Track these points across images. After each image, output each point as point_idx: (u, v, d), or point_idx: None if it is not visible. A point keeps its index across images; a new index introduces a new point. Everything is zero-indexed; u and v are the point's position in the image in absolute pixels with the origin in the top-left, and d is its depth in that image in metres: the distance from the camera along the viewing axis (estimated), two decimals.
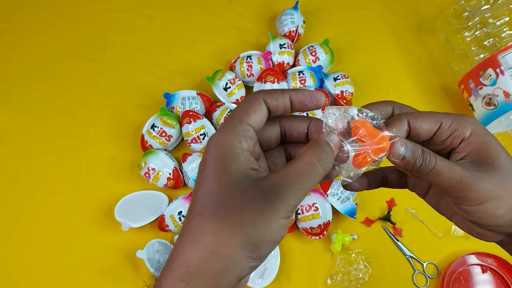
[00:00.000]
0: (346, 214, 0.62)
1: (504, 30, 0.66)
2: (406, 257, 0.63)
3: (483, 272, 0.62)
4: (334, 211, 0.63)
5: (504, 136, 0.69)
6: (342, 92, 0.68)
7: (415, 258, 0.62)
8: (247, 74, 0.70)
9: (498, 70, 0.63)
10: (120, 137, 0.70)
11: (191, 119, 0.64)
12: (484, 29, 0.68)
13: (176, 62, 0.77)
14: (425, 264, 0.62)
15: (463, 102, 0.71)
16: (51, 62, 0.76)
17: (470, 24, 0.69)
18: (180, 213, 0.60)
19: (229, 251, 0.24)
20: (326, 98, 0.29)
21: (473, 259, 0.62)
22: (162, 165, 0.62)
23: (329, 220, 0.61)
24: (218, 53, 0.78)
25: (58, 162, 0.68)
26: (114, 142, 0.69)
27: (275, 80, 0.67)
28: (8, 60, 0.77)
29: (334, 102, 0.70)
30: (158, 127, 0.65)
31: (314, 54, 0.71)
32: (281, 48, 0.71)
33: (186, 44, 0.79)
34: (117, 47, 0.78)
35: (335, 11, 0.82)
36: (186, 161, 0.63)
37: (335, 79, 0.69)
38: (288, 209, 0.25)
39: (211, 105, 0.70)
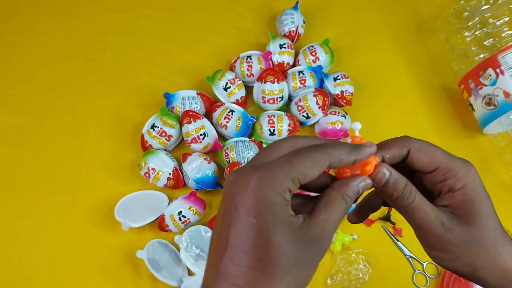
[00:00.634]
0: (346, 214, 0.62)
1: (504, 30, 0.66)
2: (406, 257, 0.63)
3: None
4: None
5: (504, 136, 0.69)
6: (342, 92, 0.68)
7: (415, 258, 0.62)
8: (247, 74, 0.70)
9: (498, 70, 0.63)
10: (120, 137, 0.70)
11: (191, 119, 0.64)
12: (484, 29, 0.68)
13: (176, 62, 0.77)
14: (425, 264, 0.62)
15: (463, 102, 0.71)
16: (51, 62, 0.76)
17: (470, 24, 0.69)
18: (180, 213, 0.60)
19: None
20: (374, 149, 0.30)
21: None
22: (162, 165, 0.62)
23: None
24: (218, 53, 0.78)
25: (58, 162, 0.68)
26: (114, 142, 0.69)
27: (275, 80, 0.67)
28: (8, 60, 0.77)
29: (334, 102, 0.70)
30: (158, 127, 0.65)
31: (314, 54, 0.71)
32: (281, 48, 0.71)
33: (186, 44, 0.79)
34: (117, 47, 0.78)
35: (335, 11, 0.82)
36: (186, 161, 0.63)
37: (335, 79, 0.69)
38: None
39: (211, 105, 0.70)
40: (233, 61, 0.73)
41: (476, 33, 0.69)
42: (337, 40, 0.77)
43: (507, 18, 0.66)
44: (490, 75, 0.64)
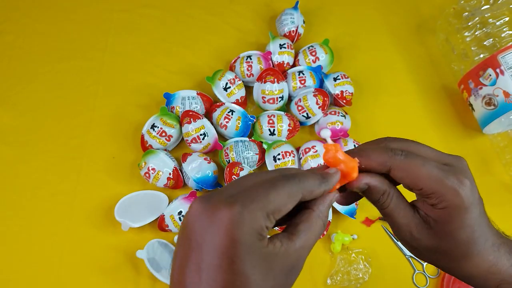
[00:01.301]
0: (346, 214, 0.62)
1: (504, 30, 0.66)
2: (406, 257, 0.63)
3: None
4: (334, 211, 0.63)
5: (504, 136, 0.69)
6: (342, 92, 0.68)
7: (415, 258, 0.63)
8: (247, 74, 0.70)
9: (498, 70, 0.63)
10: (120, 137, 0.70)
11: (191, 119, 0.64)
12: (484, 29, 0.68)
13: (176, 62, 0.77)
14: (425, 264, 0.62)
15: (463, 102, 0.71)
16: (51, 62, 0.76)
17: (470, 24, 0.69)
18: (180, 213, 0.60)
19: None
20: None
21: None
22: (162, 165, 0.62)
23: (329, 220, 0.61)
24: (218, 53, 0.78)
25: (58, 162, 0.68)
26: (114, 142, 0.69)
27: (275, 80, 0.67)
28: (8, 60, 0.76)
29: (334, 102, 0.70)
30: (158, 127, 0.65)
31: (314, 54, 0.71)
32: (281, 48, 0.71)
33: (186, 44, 0.79)
34: (117, 47, 0.78)
35: (335, 11, 0.82)
36: (186, 161, 0.63)
37: (335, 79, 0.69)
38: None
39: (211, 105, 0.70)
40: (233, 61, 0.73)
41: (476, 33, 0.69)
42: (337, 40, 0.77)
43: (507, 18, 0.66)
44: (490, 75, 0.64)
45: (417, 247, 0.31)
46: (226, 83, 0.68)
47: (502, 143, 0.69)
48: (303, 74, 0.69)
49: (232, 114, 0.66)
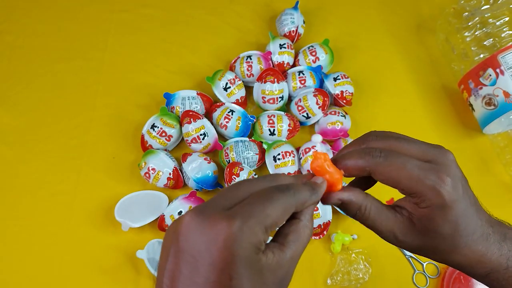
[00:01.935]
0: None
1: (504, 30, 0.66)
2: (406, 257, 0.63)
3: None
4: (334, 211, 0.63)
5: (504, 136, 0.69)
6: (342, 92, 0.68)
7: (415, 258, 0.63)
8: (247, 74, 0.70)
9: (498, 70, 0.63)
10: (120, 137, 0.70)
11: (191, 119, 0.64)
12: (484, 29, 0.68)
13: (176, 62, 0.77)
14: (425, 264, 0.62)
15: (463, 102, 0.71)
16: (51, 62, 0.76)
17: (470, 24, 0.69)
18: (180, 213, 0.60)
19: None
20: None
21: None
22: (162, 165, 0.62)
23: (329, 220, 0.61)
24: (218, 53, 0.78)
25: (58, 162, 0.68)
26: (114, 142, 0.69)
27: (275, 80, 0.67)
28: (8, 60, 0.76)
29: (334, 102, 0.70)
30: (158, 127, 0.65)
31: (314, 54, 0.71)
32: (281, 48, 0.71)
33: (186, 44, 0.79)
34: (117, 47, 0.78)
35: (335, 11, 0.83)
36: (186, 161, 0.63)
37: (335, 79, 0.69)
38: None
39: (211, 105, 0.70)
40: (233, 61, 0.73)
41: (476, 33, 0.69)
42: (337, 40, 0.77)
43: (507, 18, 0.66)
44: (490, 75, 0.64)
45: (403, 247, 0.32)
46: (226, 83, 0.68)
47: (502, 143, 0.69)
48: (303, 74, 0.69)
49: (232, 114, 0.66)
